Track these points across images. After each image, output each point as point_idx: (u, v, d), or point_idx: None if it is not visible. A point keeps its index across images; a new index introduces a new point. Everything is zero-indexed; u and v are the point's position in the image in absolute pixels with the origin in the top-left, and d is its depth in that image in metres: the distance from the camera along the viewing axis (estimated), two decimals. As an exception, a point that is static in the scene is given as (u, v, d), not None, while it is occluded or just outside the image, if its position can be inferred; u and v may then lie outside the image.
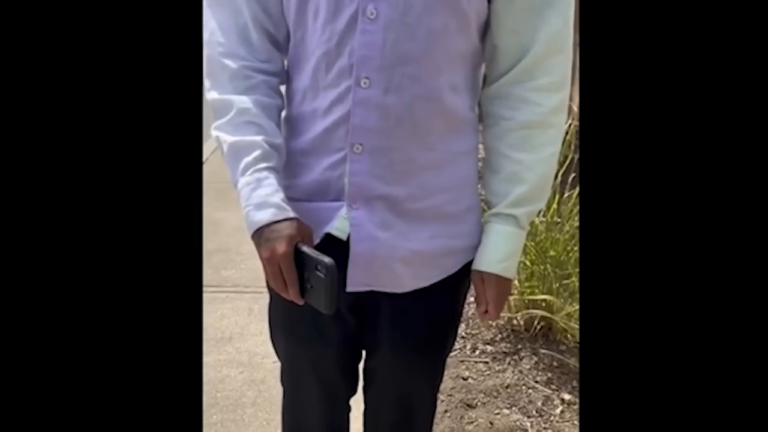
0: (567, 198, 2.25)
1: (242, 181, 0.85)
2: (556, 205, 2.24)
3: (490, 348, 2.21)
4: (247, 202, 0.84)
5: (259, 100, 0.88)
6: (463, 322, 2.27)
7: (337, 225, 0.90)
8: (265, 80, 0.89)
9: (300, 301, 0.85)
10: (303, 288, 0.84)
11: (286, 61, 0.94)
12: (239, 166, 0.85)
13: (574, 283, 2.13)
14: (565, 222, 2.25)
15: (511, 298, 2.28)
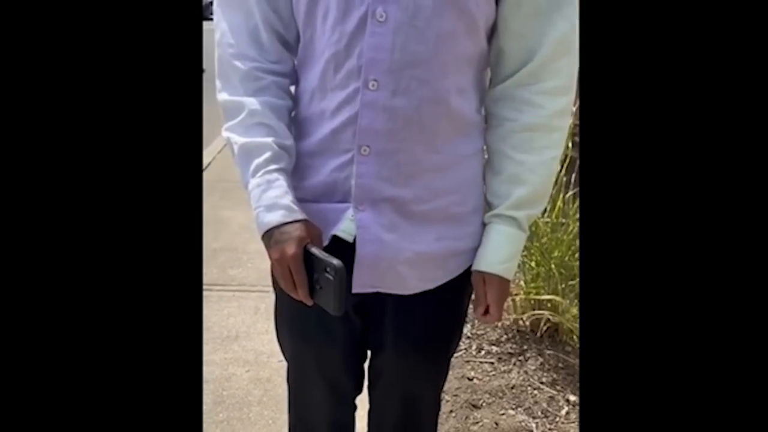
0: (571, 197, 2.24)
1: (253, 183, 0.86)
2: (561, 203, 2.24)
3: (495, 348, 2.22)
4: (257, 203, 0.85)
5: (270, 101, 0.88)
6: (468, 322, 2.27)
7: (344, 227, 0.91)
8: (275, 81, 0.90)
9: (309, 302, 0.85)
10: (312, 289, 0.84)
11: (296, 62, 0.94)
12: (250, 167, 0.86)
13: (580, 284, 2.13)
14: (570, 222, 2.24)
15: (517, 299, 2.28)
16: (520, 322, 2.28)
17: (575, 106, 1.05)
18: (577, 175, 2.12)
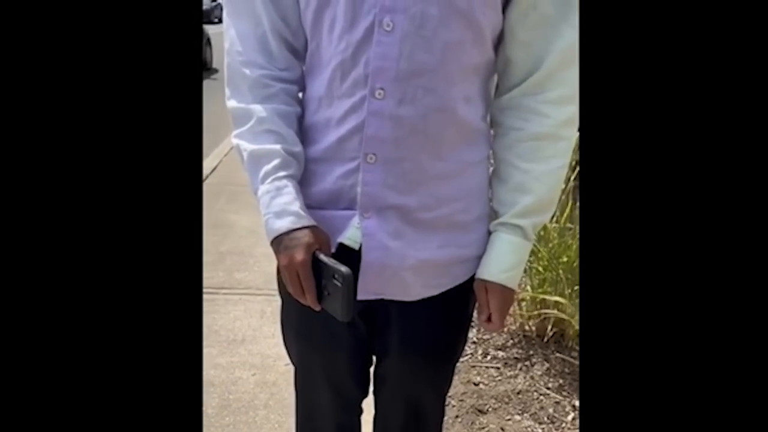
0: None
1: (262, 189, 0.87)
2: (569, 210, 2.24)
3: (501, 353, 2.22)
4: (267, 210, 0.86)
5: (278, 108, 0.89)
6: (474, 327, 2.27)
7: (349, 234, 0.91)
8: (284, 88, 0.91)
9: (317, 308, 0.86)
10: (320, 295, 0.85)
11: (304, 68, 0.95)
12: (259, 174, 0.87)
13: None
14: (578, 227, 2.24)
15: (524, 304, 2.28)
16: (527, 327, 2.28)
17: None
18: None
